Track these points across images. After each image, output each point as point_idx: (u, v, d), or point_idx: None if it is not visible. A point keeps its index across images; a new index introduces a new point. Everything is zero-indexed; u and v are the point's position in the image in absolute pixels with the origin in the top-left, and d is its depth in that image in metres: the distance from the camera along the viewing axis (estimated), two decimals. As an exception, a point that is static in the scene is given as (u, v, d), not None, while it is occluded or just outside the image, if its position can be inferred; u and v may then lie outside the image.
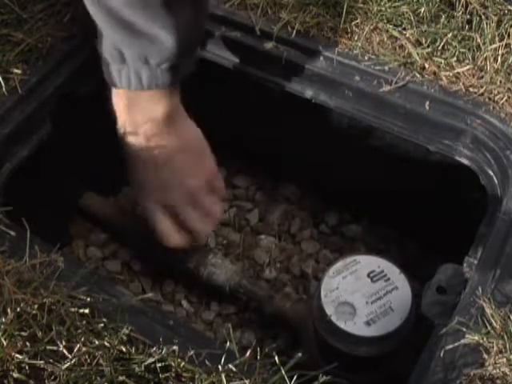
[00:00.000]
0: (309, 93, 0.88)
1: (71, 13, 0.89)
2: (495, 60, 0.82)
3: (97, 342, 0.61)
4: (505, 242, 0.71)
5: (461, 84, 0.82)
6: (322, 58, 0.87)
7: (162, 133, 0.79)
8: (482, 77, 0.82)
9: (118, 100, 0.78)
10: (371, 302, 0.79)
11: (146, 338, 0.63)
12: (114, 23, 0.70)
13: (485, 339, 0.62)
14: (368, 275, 0.81)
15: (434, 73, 0.83)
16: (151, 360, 0.60)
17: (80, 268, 0.68)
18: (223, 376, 0.59)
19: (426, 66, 0.84)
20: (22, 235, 0.69)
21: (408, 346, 0.78)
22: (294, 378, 0.59)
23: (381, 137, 0.90)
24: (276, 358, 0.58)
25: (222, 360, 0.60)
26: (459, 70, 0.83)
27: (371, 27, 0.87)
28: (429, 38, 0.85)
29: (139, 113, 0.78)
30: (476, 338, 0.62)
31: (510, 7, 0.86)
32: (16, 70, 0.82)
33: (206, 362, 0.61)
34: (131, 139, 0.80)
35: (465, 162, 0.83)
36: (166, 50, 0.71)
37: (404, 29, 0.87)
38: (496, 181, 0.80)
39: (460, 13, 0.87)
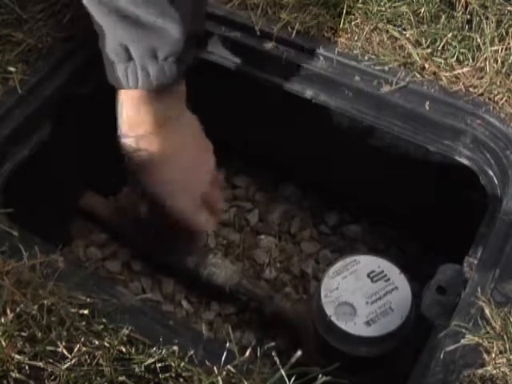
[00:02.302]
0: (309, 93, 0.88)
1: (71, 13, 0.89)
2: (495, 60, 0.82)
3: (97, 342, 0.61)
4: (505, 242, 0.71)
5: (461, 84, 0.82)
6: (321, 58, 0.87)
7: (165, 132, 0.79)
8: (482, 77, 0.82)
9: (123, 99, 0.77)
10: (371, 302, 0.79)
11: (146, 338, 0.62)
12: (119, 20, 0.70)
13: (485, 339, 0.62)
14: (368, 275, 0.81)
15: (434, 73, 0.83)
16: (151, 360, 0.60)
17: (80, 268, 0.68)
18: (223, 376, 0.59)
19: (426, 66, 0.84)
20: (22, 235, 0.69)
21: (408, 346, 0.78)
22: (293, 377, 0.59)
23: (381, 137, 0.90)
24: (276, 358, 0.58)
25: (222, 360, 0.60)
26: (459, 70, 0.83)
27: (371, 27, 0.87)
28: (429, 38, 0.85)
29: (143, 112, 0.77)
30: (476, 338, 0.62)
31: (509, 7, 0.86)
32: (16, 70, 0.82)
33: (206, 362, 0.61)
34: (132, 139, 0.79)
35: (465, 162, 0.83)
36: (173, 42, 0.72)
37: (404, 29, 0.87)
38: (496, 181, 0.80)
39: (460, 13, 0.87)
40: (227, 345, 0.63)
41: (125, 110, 0.78)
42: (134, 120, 0.78)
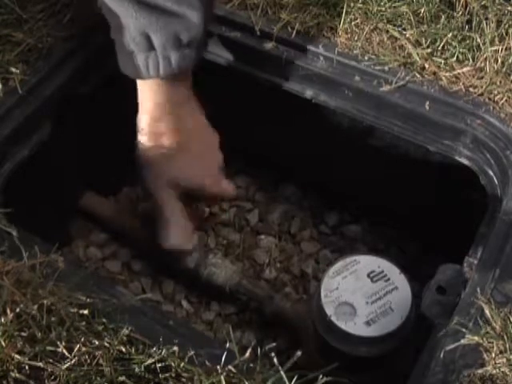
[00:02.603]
0: (309, 93, 0.88)
1: (71, 13, 0.89)
2: (495, 60, 0.82)
3: (97, 342, 0.61)
4: (505, 242, 0.71)
5: (461, 84, 0.82)
6: (322, 58, 0.87)
7: (179, 119, 0.81)
8: (482, 77, 0.82)
9: (142, 89, 0.79)
10: (371, 302, 0.79)
11: (146, 338, 0.62)
12: (140, 8, 0.72)
13: (485, 339, 0.62)
14: (368, 275, 0.81)
15: (434, 73, 0.83)
16: (151, 360, 0.60)
17: (80, 268, 0.68)
18: (223, 376, 0.59)
19: (426, 66, 0.84)
20: (22, 235, 0.69)
21: (408, 346, 0.78)
22: (295, 378, 0.59)
23: (381, 137, 0.90)
24: (275, 359, 0.58)
25: (222, 360, 0.60)
26: (459, 70, 0.83)
27: (371, 27, 0.87)
28: (429, 39, 0.85)
29: (161, 100, 0.79)
30: (476, 338, 0.62)
31: (509, 7, 0.86)
32: (16, 70, 0.82)
33: (206, 362, 0.61)
34: (150, 127, 0.81)
35: (465, 162, 0.83)
36: (194, 28, 0.74)
37: (404, 29, 0.87)
38: (496, 181, 0.80)
39: (460, 13, 0.87)
40: (227, 345, 0.64)
41: (143, 100, 0.80)
42: (154, 108, 0.80)
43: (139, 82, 0.79)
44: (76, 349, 0.60)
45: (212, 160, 0.88)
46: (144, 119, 0.81)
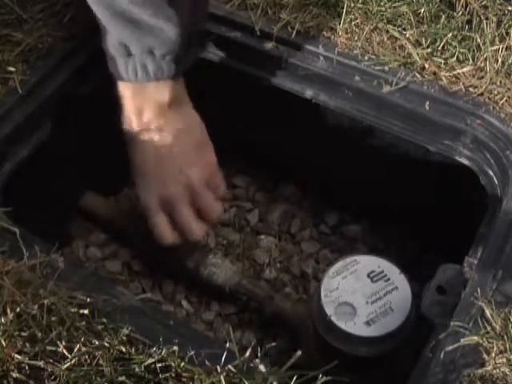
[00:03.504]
0: (309, 93, 0.88)
1: (71, 13, 0.89)
2: (495, 60, 0.82)
3: (97, 342, 0.61)
4: (505, 242, 0.71)
5: (461, 84, 0.82)
6: (322, 58, 0.87)
7: (165, 120, 0.81)
8: (482, 77, 0.82)
9: (124, 89, 0.80)
10: (371, 302, 0.79)
11: (146, 338, 0.62)
12: (120, 21, 0.73)
13: (485, 339, 0.62)
14: (368, 275, 0.81)
15: (434, 73, 0.83)
16: (151, 360, 0.60)
17: (80, 268, 0.68)
18: (223, 376, 0.59)
19: (426, 66, 0.84)
20: (22, 235, 0.69)
21: (408, 346, 0.78)
22: (295, 378, 0.59)
23: (381, 137, 0.90)
24: (268, 362, 0.58)
25: (222, 360, 0.60)
26: (459, 70, 0.83)
27: (371, 27, 0.87)
28: (429, 39, 0.85)
29: (145, 101, 0.80)
30: (476, 338, 0.62)
31: (510, 7, 0.86)
32: (16, 70, 0.82)
33: (206, 362, 0.61)
34: (135, 128, 0.81)
35: (465, 162, 0.83)
36: (170, 42, 0.75)
37: (404, 29, 0.87)
38: (496, 181, 0.80)
39: (460, 13, 0.87)
40: (227, 345, 0.64)
41: (126, 100, 0.80)
42: (135, 110, 0.80)
43: (120, 83, 0.80)
44: (76, 349, 0.60)
45: (203, 156, 0.87)
46: (128, 120, 0.81)
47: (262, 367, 0.59)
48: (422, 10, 0.87)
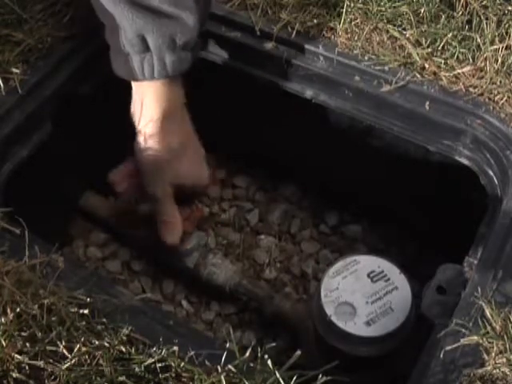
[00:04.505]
0: (309, 93, 0.88)
1: (71, 13, 0.89)
2: (495, 60, 0.82)
3: (97, 342, 0.61)
4: (505, 242, 0.71)
5: (461, 84, 0.82)
6: (322, 58, 0.87)
7: (178, 117, 0.81)
8: (482, 77, 0.82)
9: (138, 91, 0.79)
10: (371, 302, 0.79)
11: (146, 338, 0.62)
12: (140, 11, 0.72)
13: (485, 339, 0.62)
14: (368, 275, 0.81)
15: (434, 73, 0.83)
16: (151, 360, 0.60)
17: (80, 268, 0.68)
18: (223, 376, 0.59)
19: (426, 66, 0.84)
20: (22, 235, 0.69)
21: (408, 346, 0.78)
22: (295, 378, 0.59)
23: (381, 137, 0.90)
24: (269, 362, 0.58)
25: (222, 360, 0.60)
26: (459, 70, 0.83)
27: (371, 27, 0.87)
28: (429, 38, 0.85)
29: (157, 104, 0.79)
30: (476, 338, 0.62)
31: (510, 7, 0.86)
32: (16, 70, 0.82)
33: (206, 362, 0.61)
34: (146, 131, 0.80)
35: (465, 162, 0.83)
36: (190, 30, 0.74)
37: (404, 29, 0.86)
38: (496, 181, 0.80)
39: (460, 13, 0.87)
40: (227, 345, 0.64)
41: (139, 102, 0.79)
42: (147, 109, 0.79)
43: (134, 84, 0.79)
44: (76, 349, 0.60)
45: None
46: (139, 120, 0.80)
47: (269, 363, 0.58)
48: (422, 10, 0.86)
